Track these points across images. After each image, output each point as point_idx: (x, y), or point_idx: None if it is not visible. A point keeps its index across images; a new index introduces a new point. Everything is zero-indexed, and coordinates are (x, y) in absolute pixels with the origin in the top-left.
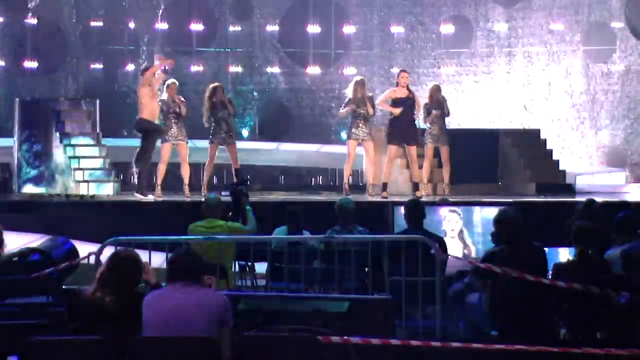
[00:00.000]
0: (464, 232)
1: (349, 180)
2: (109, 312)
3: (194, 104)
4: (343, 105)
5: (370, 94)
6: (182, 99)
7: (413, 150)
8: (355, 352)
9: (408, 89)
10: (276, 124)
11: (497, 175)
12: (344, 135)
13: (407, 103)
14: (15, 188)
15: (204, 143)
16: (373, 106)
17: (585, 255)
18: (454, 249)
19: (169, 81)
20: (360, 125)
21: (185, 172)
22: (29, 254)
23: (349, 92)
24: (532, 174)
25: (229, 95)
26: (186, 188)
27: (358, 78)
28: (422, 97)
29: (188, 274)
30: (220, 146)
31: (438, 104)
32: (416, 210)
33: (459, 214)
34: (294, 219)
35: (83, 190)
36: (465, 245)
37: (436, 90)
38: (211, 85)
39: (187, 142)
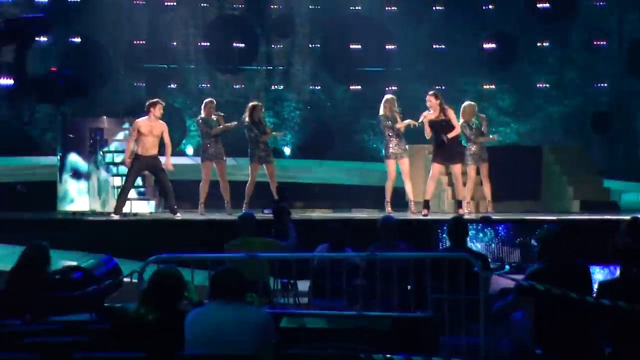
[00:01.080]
0: None
1: (390, 198)
2: (151, 329)
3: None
4: (384, 124)
5: (398, 110)
6: (221, 114)
7: (457, 168)
8: None
9: (443, 110)
10: (318, 142)
11: (540, 192)
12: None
13: (441, 125)
14: (57, 206)
15: (243, 160)
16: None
17: (630, 273)
18: None
19: (206, 100)
20: (396, 142)
21: (225, 190)
22: (71, 272)
23: (381, 110)
24: (576, 191)
25: (268, 113)
26: (228, 206)
27: (388, 96)
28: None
29: (230, 291)
30: (260, 165)
31: (475, 123)
32: (459, 228)
33: None
34: (336, 236)
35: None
36: None
37: (473, 108)
38: (250, 104)
39: (225, 160)
